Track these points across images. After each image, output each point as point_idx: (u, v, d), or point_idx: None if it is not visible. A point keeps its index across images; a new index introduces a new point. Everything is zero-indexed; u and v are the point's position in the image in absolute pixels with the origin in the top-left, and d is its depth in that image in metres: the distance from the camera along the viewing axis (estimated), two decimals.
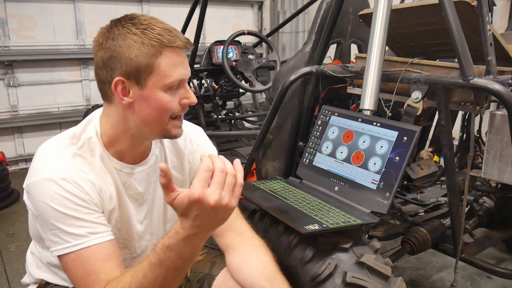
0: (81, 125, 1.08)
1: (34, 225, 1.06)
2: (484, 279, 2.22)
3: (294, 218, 1.27)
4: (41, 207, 0.96)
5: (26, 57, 3.82)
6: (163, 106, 0.98)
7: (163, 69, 0.96)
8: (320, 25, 1.83)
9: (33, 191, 0.97)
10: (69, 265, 0.97)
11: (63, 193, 0.95)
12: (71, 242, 0.95)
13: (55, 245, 0.97)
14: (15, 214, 3.00)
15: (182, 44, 0.97)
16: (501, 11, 3.49)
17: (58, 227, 0.95)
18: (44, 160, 1.00)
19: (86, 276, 0.95)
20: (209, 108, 3.15)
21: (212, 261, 1.22)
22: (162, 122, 1.01)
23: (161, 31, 0.96)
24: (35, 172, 0.98)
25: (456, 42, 1.34)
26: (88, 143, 1.03)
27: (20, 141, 3.99)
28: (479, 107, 1.45)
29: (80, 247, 0.95)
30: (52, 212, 0.95)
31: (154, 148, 1.15)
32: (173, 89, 0.99)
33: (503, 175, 1.40)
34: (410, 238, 1.68)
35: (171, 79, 0.97)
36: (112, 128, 1.04)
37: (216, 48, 3.11)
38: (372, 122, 1.43)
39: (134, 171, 1.10)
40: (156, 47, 0.95)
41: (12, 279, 2.22)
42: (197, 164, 1.21)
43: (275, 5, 5.43)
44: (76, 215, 0.96)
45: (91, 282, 0.95)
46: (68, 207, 0.95)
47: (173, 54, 0.97)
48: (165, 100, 0.98)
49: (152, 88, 0.97)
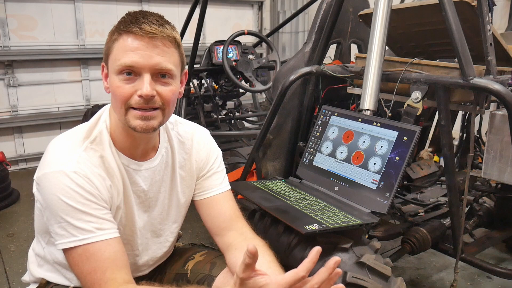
0: (93, 119, 1.09)
1: (41, 219, 1.06)
2: (484, 279, 2.22)
3: (294, 218, 1.27)
4: (50, 199, 0.96)
5: (26, 57, 3.82)
6: (113, 91, 0.98)
7: (115, 53, 0.96)
8: (320, 25, 1.83)
9: (44, 183, 0.97)
10: (75, 260, 0.97)
11: (73, 187, 0.95)
12: (78, 236, 0.95)
13: (61, 238, 0.97)
14: (15, 214, 3.00)
15: (140, 31, 0.93)
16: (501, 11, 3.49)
17: (66, 220, 0.95)
18: (57, 153, 1.00)
19: (92, 272, 0.95)
20: (209, 108, 3.15)
21: (212, 262, 1.23)
22: (118, 109, 0.99)
23: (128, 18, 0.96)
24: (47, 164, 0.98)
25: (456, 42, 1.34)
26: (100, 137, 1.04)
27: (20, 141, 3.99)
28: (479, 107, 1.45)
29: (86, 242, 0.95)
30: (61, 205, 0.95)
31: (161, 148, 1.15)
32: (124, 75, 0.95)
33: (503, 175, 1.40)
34: (410, 238, 1.68)
35: (117, 63, 0.95)
36: (113, 119, 1.06)
37: (216, 48, 3.10)
38: (372, 122, 1.43)
39: (141, 168, 1.10)
40: (116, 31, 0.96)
41: (12, 279, 2.22)
42: (203, 162, 1.22)
43: (275, 5, 5.43)
44: (84, 210, 0.96)
45: (97, 279, 0.95)
46: (78, 201, 0.96)
47: (129, 39, 0.94)
48: (115, 85, 0.97)
49: (110, 72, 0.99)
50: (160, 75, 0.98)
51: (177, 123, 1.22)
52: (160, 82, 0.98)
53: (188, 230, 2.69)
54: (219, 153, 1.27)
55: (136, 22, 0.94)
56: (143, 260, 1.19)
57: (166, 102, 0.99)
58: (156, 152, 1.14)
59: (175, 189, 1.19)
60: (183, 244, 1.43)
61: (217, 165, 1.25)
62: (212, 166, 1.23)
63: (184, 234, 2.59)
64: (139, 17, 0.95)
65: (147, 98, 0.95)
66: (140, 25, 0.93)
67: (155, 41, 0.95)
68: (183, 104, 2.86)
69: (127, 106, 0.97)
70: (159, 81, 0.98)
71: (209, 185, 1.22)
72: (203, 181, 1.22)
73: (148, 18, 0.95)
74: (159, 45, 0.95)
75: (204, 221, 1.22)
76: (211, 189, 1.21)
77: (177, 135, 1.20)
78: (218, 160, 1.25)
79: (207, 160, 1.23)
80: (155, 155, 1.14)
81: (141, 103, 0.96)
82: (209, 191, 1.21)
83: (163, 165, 1.15)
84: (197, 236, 2.63)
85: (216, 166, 1.24)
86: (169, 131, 1.18)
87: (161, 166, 1.15)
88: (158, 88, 0.97)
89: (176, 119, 1.22)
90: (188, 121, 1.27)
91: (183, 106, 2.86)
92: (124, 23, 0.95)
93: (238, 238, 1.15)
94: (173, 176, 1.18)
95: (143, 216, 1.15)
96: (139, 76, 0.96)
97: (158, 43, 0.95)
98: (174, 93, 1.01)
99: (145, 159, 1.12)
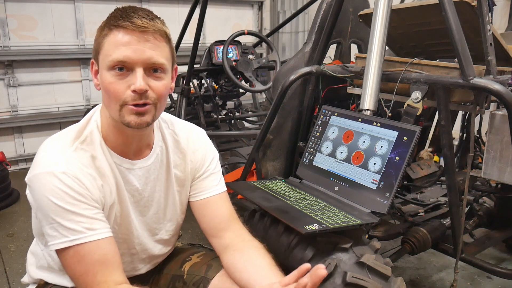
0: (84, 119, 1.08)
1: (37, 221, 1.06)
2: (484, 279, 2.22)
3: (294, 218, 1.27)
4: (41, 200, 0.96)
5: (26, 57, 3.82)
6: (106, 87, 0.96)
7: (106, 48, 0.95)
8: (320, 25, 1.83)
9: (34, 184, 0.98)
10: (68, 261, 0.98)
11: (62, 187, 0.95)
12: (68, 237, 0.96)
13: (53, 239, 0.97)
14: (15, 214, 3.00)
15: (131, 25, 0.92)
16: (501, 11, 3.49)
17: (57, 221, 0.95)
18: (47, 154, 1.00)
19: (84, 274, 0.96)
20: (209, 108, 3.15)
21: (208, 264, 1.22)
22: (111, 106, 0.98)
23: (118, 13, 0.95)
24: (37, 165, 0.98)
25: (456, 42, 1.34)
26: (90, 137, 1.04)
27: (20, 141, 3.99)
28: (479, 107, 1.45)
29: (77, 242, 0.96)
30: (51, 206, 0.95)
31: (155, 147, 1.14)
32: (116, 71, 0.94)
33: (503, 175, 1.40)
34: (410, 238, 1.68)
35: (109, 58, 0.94)
36: (105, 117, 1.05)
37: (216, 48, 3.10)
38: (372, 122, 1.43)
39: (134, 167, 1.09)
40: (106, 26, 0.95)
41: (12, 279, 2.22)
42: (199, 163, 1.21)
43: (275, 5, 5.43)
44: (74, 210, 0.96)
45: (89, 282, 0.96)
46: (67, 202, 0.95)
47: (120, 34, 0.93)
48: (107, 81, 0.95)
49: (101, 68, 0.98)
50: (153, 69, 0.97)
51: (172, 122, 1.21)
52: (153, 76, 0.97)
53: (188, 230, 2.69)
54: (216, 154, 1.26)
55: (127, 16, 0.93)
56: (139, 259, 1.19)
57: (159, 96, 0.99)
58: (151, 151, 1.13)
59: (171, 189, 1.18)
60: (182, 244, 1.43)
61: (213, 166, 1.23)
62: (208, 167, 1.22)
63: (184, 234, 2.59)
64: (129, 11, 0.94)
65: (140, 93, 0.94)
66: (131, 19, 0.93)
67: (147, 35, 0.94)
68: (183, 104, 2.86)
69: (122, 103, 0.96)
70: (152, 75, 0.97)
71: (205, 186, 1.21)
72: (199, 182, 1.21)
73: (138, 13, 0.95)
74: (150, 39, 0.95)
75: (199, 222, 1.20)
76: (207, 190, 1.20)
77: (173, 134, 1.19)
78: (215, 161, 1.24)
79: (203, 161, 1.22)
80: (149, 154, 1.13)
81: (136, 98, 0.95)
82: (205, 192, 1.20)
83: (158, 164, 1.14)
84: (197, 236, 2.62)
85: (212, 168, 1.23)
86: (163, 130, 1.17)
87: (156, 165, 1.14)
88: (151, 83, 0.97)
89: (171, 119, 1.21)
90: (184, 121, 1.26)
91: (183, 106, 2.85)
92: (114, 18, 0.94)
93: (235, 240, 1.14)
94: (168, 175, 1.17)
95: (138, 215, 1.14)
96: (131, 71, 0.95)
97: (149, 37, 0.94)
98: (166, 87, 1.01)
99: (139, 158, 1.11)
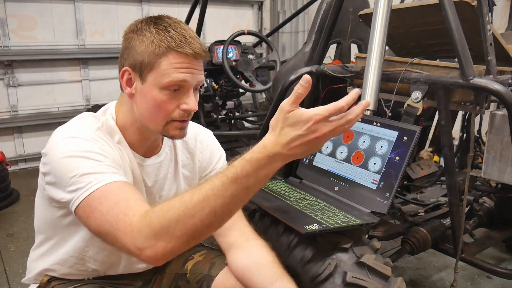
0: (99, 112, 1.10)
1: (43, 209, 1.07)
2: (484, 279, 2.22)
3: (294, 218, 1.27)
4: (59, 163, 0.94)
5: (26, 57, 3.82)
6: (157, 105, 1.00)
7: (162, 68, 0.98)
8: (320, 25, 1.83)
9: (52, 151, 0.96)
10: (92, 207, 0.90)
11: (84, 144, 0.96)
12: (92, 182, 0.92)
13: (77, 193, 0.92)
14: (15, 214, 3.00)
15: (191, 52, 0.98)
16: (501, 11, 3.49)
17: (79, 173, 0.92)
18: (66, 128, 1.01)
19: (115, 206, 0.89)
20: (209, 108, 3.15)
21: (211, 261, 1.23)
22: (157, 120, 1.02)
23: (175, 35, 0.98)
24: (56, 135, 0.99)
25: (456, 42, 1.34)
26: (106, 125, 1.05)
27: (20, 141, 3.99)
28: (479, 107, 1.45)
29: (103, 183, 0.91)
30: (72, 162, 0.93)
31: (164, 146, 1.17)
32: (171, 91, 0.99)
33: (503, 175, 1.40)
34: (410, 238, 1.68)
35: (168, 79, 0.98)
36: (124, 117, 1.08)
37: (216, 48, 3.10)
38: (372, 122, 1.43)
39: (144, 163, 1.12)
40: (162, 48, 0.97)
41: (12, 279, 2.22)
42: (206, 162, 1.24)
43: (275, 5, 5.43)
44: (96, 158, 0.95)
45: (122, 208, 0.88)
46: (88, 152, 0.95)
47: (178, 58, 0.98)
48: (159, 99, 0.99)
49: (151, 85, 1.00)
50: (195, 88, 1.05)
51: None
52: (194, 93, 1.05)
53: None
54: (223, 153, 1.28)
55: (181, 40, 0.98)
56: None
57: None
58: (160, 150, 1.16)
59: (178, 188, 1.20)
60: None
61: (220, 165, 1.26)
62: (215, 166, 1.25)
63: None
64: (185, 35, 0.99)
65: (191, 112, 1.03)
66: (191, 45, 0.98)
67: (200, 61, 1.02)
68: None
69: (169, 119, 1.02)
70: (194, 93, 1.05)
71: None
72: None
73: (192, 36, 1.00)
74: (201, 64, 1.03)
75: None
76: None
77: None
78: (222, 160, 1.27)
79: (210, 160, 1.25)
80: (159, 152, 1.16)
81: (184, 116, 1.03)
82: None
83: (167, 162, 1.17)
84: None
85: (219, 166, 1.26)
86: None
87: (165, 163, 1.17)
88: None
89: None
90: (192, 122, 1.27)
91: None
92: (173, 40, 0.97)
93: (240, 238, 1.15)
94: (176, 174, 1.19)
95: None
96: (183, 91, 1.01)
97: (201, 62, 1.03)
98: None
99: (150, 155, 1.13)
